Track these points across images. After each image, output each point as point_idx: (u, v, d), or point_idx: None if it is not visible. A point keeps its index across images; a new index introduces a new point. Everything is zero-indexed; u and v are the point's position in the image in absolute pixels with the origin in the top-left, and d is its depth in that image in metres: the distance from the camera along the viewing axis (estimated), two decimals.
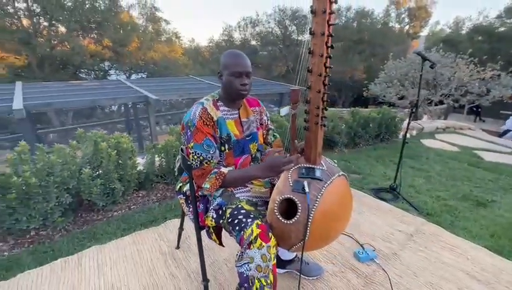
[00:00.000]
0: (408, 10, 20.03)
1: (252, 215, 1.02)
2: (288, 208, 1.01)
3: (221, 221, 1.11)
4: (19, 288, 1.43)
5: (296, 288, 1.37)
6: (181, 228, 1.69)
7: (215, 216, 1.12)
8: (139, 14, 14.21)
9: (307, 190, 0.96)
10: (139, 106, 6.76)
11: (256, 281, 0.91)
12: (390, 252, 1.76)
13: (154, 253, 1.70)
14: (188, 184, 1.23)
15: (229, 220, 1.05)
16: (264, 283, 0.91)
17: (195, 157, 1.12)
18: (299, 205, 0.96)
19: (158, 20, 15.11)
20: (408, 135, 5.03)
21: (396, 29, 19.78)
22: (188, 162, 1.14)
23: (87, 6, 11.15)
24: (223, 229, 1.19)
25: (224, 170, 1.13)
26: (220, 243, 1.22)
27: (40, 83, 7.95)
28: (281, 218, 0.97)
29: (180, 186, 1.33)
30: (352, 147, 4.20)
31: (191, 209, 1.24)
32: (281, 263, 1.53)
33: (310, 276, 1.51)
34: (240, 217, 1.02)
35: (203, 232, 1.24)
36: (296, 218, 0.96)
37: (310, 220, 0.95)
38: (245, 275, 0.92)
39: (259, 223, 0.97)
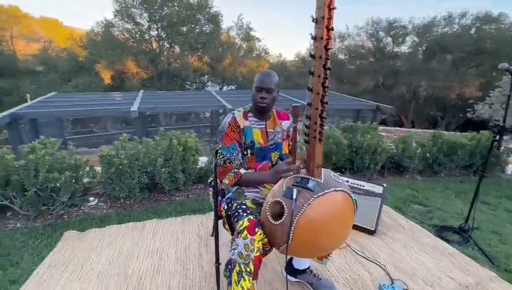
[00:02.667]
0: None
1: (248, 211, 1.18)
2: (281, 211, 1.11)
3: (229, 212, 1.31)
4: (105, 235, 2.03)
5: None
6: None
7: (226, 207, 1.34)
8: (235, 34, 16.21)
9: (294, 196, 1.05)
10: (222, 114, 7.74)
11: (237, 265, 1.05)
12: None
13: (193, 235, 2.04)
14: None
15: (233, 212, 1.24)
16: (243, 269, 1.05)
17: (221, 157, 1.37)
18: (286, 209, 1.05)
19: (251, 39, 16.80)
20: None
21: None
22: (215, 161, 1.40)
23: (197, 30, 13.61)
24: None
25: (242, 171, 1.34)
26: (232, 233, 1.42)
27: (154, 91, 10.20)
28: (269, 218, 1.09)
29: (211, 181, 1.61)
30: (430, 176, 3.61)
31: (212, 200, 1.49)
32: (294, 272, 1.59)
33: None
34: (239, 211, 1.20)
35: (221, 222, 1.46)
36: (281, 220, 1.06)
37: (293, 224, 1.03)
38: (230, 258, 1.08)
39: (251, 218, 1.12)
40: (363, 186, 2.27)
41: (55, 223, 2.21)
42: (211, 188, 1.60)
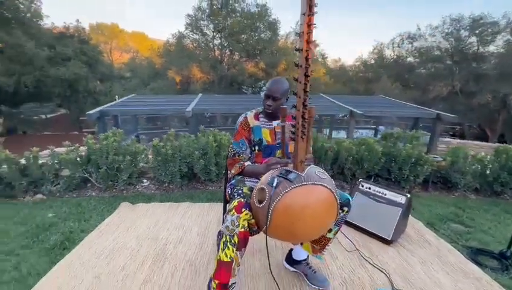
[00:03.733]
0: None
1: (242, 195, 1.39)
2: (265, 197, 1.29)
3: (231, 196, 1.55)
4: (149, 209, 2.51)
5: (299, 287, 1.55)
6: None
7: (229, 192, 1.58)
8: (293, 40, 16.38)
9: (274, 185, 1.22)
10: None
11: (224, 236, 1.28)
12: None
13: (214, 218, 2.35)
14: None
15: (231, 196, 1.48)
16: (228, 240, 1.26)
17: (231, 150, 1.63)
18: (267, 195, 1.23)
19: None
20: None
21: None
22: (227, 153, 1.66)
23: (255, 38, 14.34)
24: None
25: (246, 163, 1.58)
26: None
27: (211, 95, 11.19)
28: (255, 202, 1.28)
29: (224, 171, 1.88)
30: (488, 196, 3.13)
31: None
32: (292, 262, 1.72)
33: (313, 284, 1.61)
34: (235, 194, 1.43)
35: None
36: (263, 204, 1.24)
37: (271, 208, 1.20)
38: (220, 229, 1.32)
39: (241, 200, 1.33)
40: (385, 194, 2.21)
41: (117, 196, 2.82)
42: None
